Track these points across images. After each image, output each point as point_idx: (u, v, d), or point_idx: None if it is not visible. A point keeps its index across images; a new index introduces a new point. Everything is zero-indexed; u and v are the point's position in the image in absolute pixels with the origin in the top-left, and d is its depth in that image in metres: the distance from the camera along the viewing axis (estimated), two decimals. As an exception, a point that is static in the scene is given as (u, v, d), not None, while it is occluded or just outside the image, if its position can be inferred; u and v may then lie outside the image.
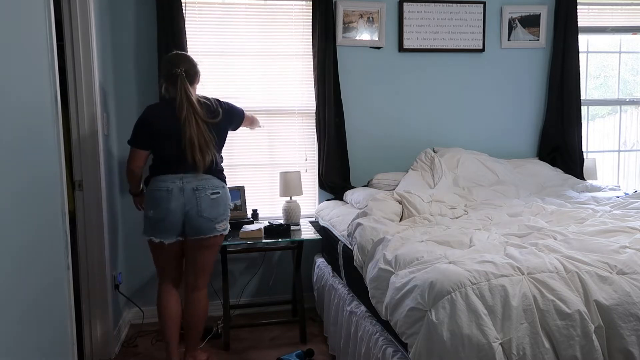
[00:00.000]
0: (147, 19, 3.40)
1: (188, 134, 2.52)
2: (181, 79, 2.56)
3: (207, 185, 2.59)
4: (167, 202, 2.54)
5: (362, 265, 2.37)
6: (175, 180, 2.56)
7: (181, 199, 2.55)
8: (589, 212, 2.73)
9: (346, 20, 3.63)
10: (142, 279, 3.57)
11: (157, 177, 2.59)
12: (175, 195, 2.54)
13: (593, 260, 1.88)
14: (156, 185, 2.57)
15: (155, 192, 2.57)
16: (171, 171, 2.57)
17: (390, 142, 3.80)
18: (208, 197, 2.58)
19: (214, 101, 2.67)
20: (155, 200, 2.55)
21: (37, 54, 1.87)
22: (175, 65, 2.59)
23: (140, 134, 2.61)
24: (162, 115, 2.59)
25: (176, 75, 2.57)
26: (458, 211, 2.90)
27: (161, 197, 2.54)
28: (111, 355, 3.03)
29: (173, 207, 2.54)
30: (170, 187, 2.54)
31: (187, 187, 2.56)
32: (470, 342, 1.62)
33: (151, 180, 2.63)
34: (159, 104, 2.70)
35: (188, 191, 2.56)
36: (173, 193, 2.54)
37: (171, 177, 2.56)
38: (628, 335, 1.68)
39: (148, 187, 2.63)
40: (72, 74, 2.81)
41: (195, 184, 2.57)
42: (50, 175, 1.95)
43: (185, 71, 2.58)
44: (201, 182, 2.58)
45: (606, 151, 4.32)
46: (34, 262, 1.75)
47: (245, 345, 3.19)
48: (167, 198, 2.54)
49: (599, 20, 4.05)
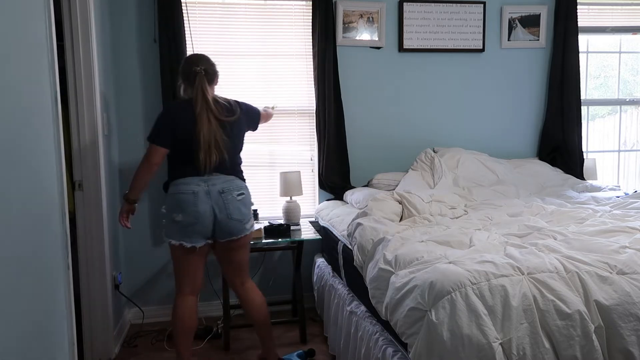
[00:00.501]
0: (147, 19, 3.40)
1: (200, 132, 2.49)
2: (200, 77, 2.54)
3: (232, 186, 2.55)
4: (194, 206, 2.46)
5: (362, 265, 2.37)
6: (199, 182, 2.50)
7: (209, 202, 2.49)
8: (589, 212, 2.73)
9: (346, 20, 3.63)
10: (142, 279, 3.57)
11: (179, 179, 2.52)
12: (202, 199, 2.47)
13: (593, 260, 1.88)
14: (179, 189, 2.49)
15: (180, 196, 2.48)
16: (193, 173, 2.51)
17: (390, 142, 3.80)
18: (235, 199, 2.54)
19: (232, 102, 2.65)
20: (182, 203, 2.47)
21: (37, 54, 1.87)
22: (195, 64, 2.58)
23: (161, 131, 2.52)
24: (183, 115, 2.53)
25: (195, 73, 2.55)
26: (458, 211, 2.90)
27: (188, 201, 2.46)
28: (111, 355, 3.03)
29: (202, 210, 2.47)
30: (196, 190, 2.48)
31: (212, 190, 2.50)
32: (470, 342, 1.62)
33: (172, 183, 2.55)
34: (179, 103, 2.63)
35: (215, 194, 2.50)
36: (199, 196, 2.47)
37: (195, 179, 2.50)
38: (628, 335, 1.68)
39: (170, 191, 2.54)
40: (72, 74, 2.81)
41: (221, 187, 2.52)
42: (50, 176, 1.95)
43: (204, 70, 2.57)
44: (225, 184, 2.54)
45: (606, 151, 4.32)
46: (34, 262, 1.75)
47: (245, 345, 3.19)
48: (193, 201, 2.46)
49: (599, 20, 4.05)
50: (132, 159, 3.50)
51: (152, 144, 2.53)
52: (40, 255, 1.82)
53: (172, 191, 2.52)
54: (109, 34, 3.31)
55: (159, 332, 3.36)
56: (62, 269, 2.03)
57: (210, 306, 3.62)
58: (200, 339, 3.24)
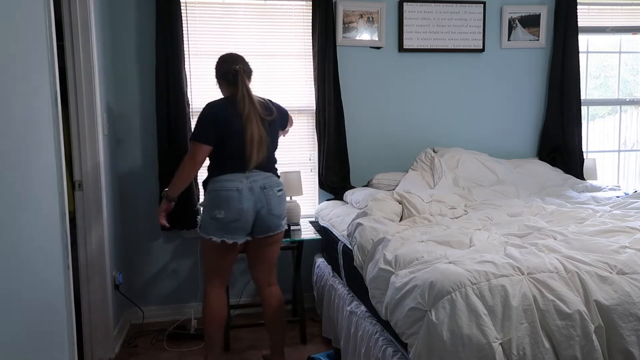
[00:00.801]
0: (147, 18, 3.40)
1: (249, 130, 2.51)
2: (241, 76, 2.56)
3: (272, 183, 2.59)
4: (239, 202, 2.48)
5: (362, 265, 2.37)
6: (242, 179, 2.52)
7: (252, 198, 2.51)
8: (589, 212, 2.73)
9: (346, 20, 3.63)
10: (142, 279, 3.57)
11: (221, 176, 2.52)
12: (246, 195, 2.49)
13: (593, 260, 1.88)
14: (223, 185, 2.50)
15: (223, 192, 2.49)
16: (236, 170, 2.53)
17: (390, 142, 3.80)
18: (275, 195, 2.58)
19: (267, 100, 2.68)
20: (226, 200, 2.48)
21: (37, 54, 1.87)
22: (233, 63, 2.60)
23: (206, 129, 2.52)
24: (225, 113, 2.54)
25: (235, 72, 2.57)
26: (458, 211, 2.90)
27: (232, 197, 2.48)
28: (111, 355, 3.03)
29: (246, 207, 2.49)
30: (240, 186, 2.49)
31: (255, 186, 2.53)
32: (470, 342, 1.62)
33: (212, 180, 2.55)
34: (220, 102, 2.61)
35: (257, 190, 2.53)
36: (243, 193, 2.49)
37: (237, 175, 2.52)
38: (628, 335, 1.68)
39: (211, 187, 2.53)
40: (72, 74, 2.81)
41: (262, 183, 2.55)
42: (50, 176, 1.95)
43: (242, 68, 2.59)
44: (266, 180, 2.57)
45: (606, 151, 4.32)
46: (33, 262, 1.75)
47: (245, 345, 3.19)
48: (238, 198, 2.48)
49: (599, 20, 4.05)
50: (132, 158, 3.51)
51: (196, 142, 2.52)
52: (40, 255, 1.82)
53: (215, 188, 2.52)
54: (108, 34, 3.30)
55: (159, 332, 3.36)
56: (62, 269, 2.03)
57: (210, 306, 3.62)
58: (201, 339, 3.24)
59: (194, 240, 3.54)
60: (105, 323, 2.98)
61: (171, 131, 3.37)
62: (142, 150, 3.51)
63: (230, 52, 2.75)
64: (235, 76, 2.57)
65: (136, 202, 3.52)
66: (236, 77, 2.57)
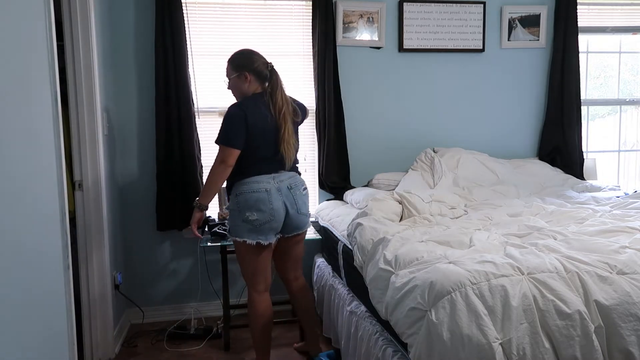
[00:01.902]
0: (148, 18, 3.40)
1: (284, 130, 2.49)
2: (276, 75, 2.53)
3: (297, 182, 2.60)
4: (270, 203, 2.47)
5: (362, 265, 2.37)
6: (269, 180, 2.50)
7: (281, 198, 2.51)
8: (589, 212, 2.73)
9: (346, 21, 3.63)
10: (142, 279, 3.57)
11: (248, 178, 2.49)
12: (275, 195, 2.49)
13: (593, 260, 1.89)
14: (251, 187, 2.48)
15: (253, 194, 2.47)
16: (263, 171, 2.51)
17: (390, 142, 3.80)
18: (302, 194, 2.60)
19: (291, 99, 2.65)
20: (257, 202, 2.46)
21: (37, 54, 1.87)
22: (262, 58, 2.57)
23: (235, 133, 2.46)
24: (254, 113, 2.48)
25: (272, 67, 2.55)
26: (458, 211, 2.90)
27: (262, 199, 2.47)
28: (111, 355, 3.03)
29: (277, 207, 2.49)
30: (268, 187, 2.49)
31: (282, 187, 2.52)
32: (470, 342, 1.62)
33: (239, 183, 2.51)
34: (248, 102, 2.53)
35: (285, 190, 2.53)
36: (272, 193, 2.48)
37: (265, 177, 2.50)
38: (628, 335, 1.68)
39: (239, 190, 2.50)
40: (72, 74, 2.81)
41: (288, 183, 2.55)
42: (50, 175, 1.95)
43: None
44: (291, 179, 2.58)
45: (606, 151, 4.32)
46: (33, 262, 1.75)
47: (245, 345, 3.19)
48: (268, 199, 2.47)
49: (599, 20, 4.05)
50: (132, 158, 3.51)
51: (226, 147, 2.46)
52: (40, 255, 1.82)
53: (244, 190, 2.49)
54: (108, 34, 3.30)
55: (159, 332, 3.36)
56: (62, 269, 2.03)
57: (210, 306, 3.62)
58: (200, 339, 3.24)
59: (194, 240, 3.54)
60: (105, 323, 2.98)
61: (171, 130, 3.37)
62: (142, 150, 3.51)
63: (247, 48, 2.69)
64: (272, 72, 2.53)
65: (136, 202, 3.52)
66: (272, 74, 2.53)
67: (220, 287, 3.29)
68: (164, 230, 3.48)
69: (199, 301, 3.55)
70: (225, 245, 3.09)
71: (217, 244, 3.08)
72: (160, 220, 3.45)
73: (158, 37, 3.32)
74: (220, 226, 3.17)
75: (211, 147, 3.59)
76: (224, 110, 2.60)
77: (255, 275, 2.61)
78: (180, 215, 3.43)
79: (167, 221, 3.46)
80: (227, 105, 2.55)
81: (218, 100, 3.50)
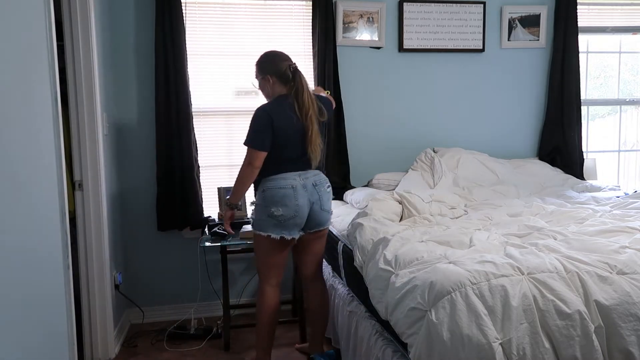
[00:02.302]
0: (148, 18, 3.40)
1: (311, 131, 2.53)
2: (300, 75, 2.55)
3: (322, 180, 2.66)
4: (295, 199, 2.53)
5: (362, 266, 2.37)
6: (295, 177, 2.56)
7: (306, 195, 2.56)
8: (589, 212, 2.73)
9: (346, 21, 3.63)
10: (142, 279, 3.57)
11: (275, 175, 2.55)
12: (300, 192, 2.54)
13: (593, 260, 1.88)
14: (278, 183, 2.54)
15: (279, 190, 2.52)
16: (290, 169, 2.57)
17: (390, 142, 3.80)
18: (326, 191, 2.66)
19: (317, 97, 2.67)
20: (283, 197, 2.52)
21: (37, 54, 1.87)
22: (286, 59, 2.59)
23: (262, 135, 2.50)
24: (281, 116, 2.52)
25: (295, 69, 2.56)
26: (458, 211, 2.90)
27: (288, 195, 2.52)
28: (111, 355, 3.03)
29: (301, 203, 2.54)
30: (294, 184, 2.54)
31: (307, 184, 2.58)
32: (470, 342, 1.62)
33: (267, 179, 2.56)
34: (273, 105, 2.57)
35: (310, 187, 2.58)
36: (298, 190, 2.54)
37: (291, 174, 2.56)
38: (628, 335, 1.68)
39: (266, 186, 2.55)
40: (72, 74, 2.81)
41: (313, 180, 2.61)
42: (50, 176, 1.95)
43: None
44: (316, 177, 2.63)
45: (606, 151, 4.32)
46: (34, 262, 1.75)
47: (245, 345, 3.19)
48: (293, 195, 2.53)
49: (599, 20, 4.05)
50: (132, 158, 3.51)
51: (253, 149, 2.51)
52: (40, 255, 1.82)
53: (270, 186, 2.55)
54: (108, 34, 3.30)
55: (159, 332, 3.36)
56: (62, 269, 2.03)
57: (210, 306, 3.62)
58: (200, 339, 3.24)
59: (194, 240, 3.54)
60: (105, 323, 2.98)
61: (171, 130, 3.37)
62: (142, 150, 3.50)
63: (272, 50, 2.72)
64: (295, 73, 2.55)
65: (136, 201, 3.52)
66: (295, 75, 2.55)
67: (220, 287, 3.29)
68: (164, 230, 3.48)
69: (199, 301, 3.55)
70: (225, 245, 3.09)
71: (217, 244, 3.08)
72: (161, 220, 3.45)
73: (158, 37, 3.32)
74: (220, 226, 3.17)
75: (210, 148, 3.61)
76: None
77: (271, 269, 2.67)
78: (181, 215, 3.43)
79: (168, 221, 3.46)
80: (228, 105, 2.56)
81: (218, 101, 3.50)
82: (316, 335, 2.89)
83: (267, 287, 2.69)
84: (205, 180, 3.55)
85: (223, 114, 3.59)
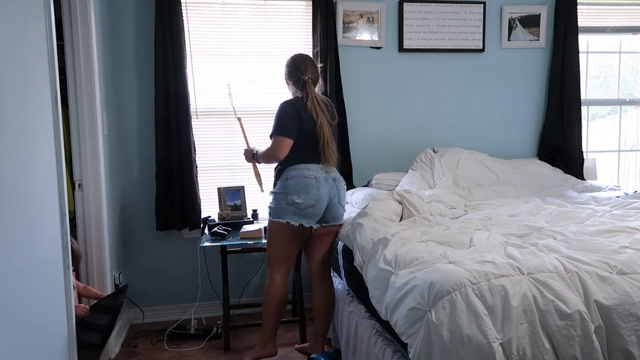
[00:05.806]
0: (147, 18, 3.40)
1: (323, 136, 2.65)
2: (309, 86, 2.70)
3: (339, 176, 2.79)
4: (317, 189, 2.63)
5: (362, 265, 2.37)
6: (318, 169, 2.68)
7: (327, 187, 2.68)
8: (589, 212, 2.73)
9: (346, 21, 3.63)
10: (142, 279, 3.57)
11: (299, 164, 2.66)
12: (322, 183, 2.66)
13: (593, 260, 1.89)
14: (302, 173, 2.65)
15: (303, 179, 2.63)
16: (314, 161, 2.68)
17: (390, 142, 3.80)
18: (343, 187, 2.80)
19: (328, 102, 2.80)
20: (305, 186, 2.63)
21: (37, 54, 1.87)
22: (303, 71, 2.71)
23: (288, 124, 2.64)
24: (304, 109, 2.67)
25: (304, 82, 2.70)
26: (458, 211, 2.90)
27: (311, 184, 2.63)
28: (111, 355, 3.03)
29: (323, 194, 2.65)
30: (317, 175, 2.66)
31: (328, 177, 2.70)
32: (470, 342, 1.62)
33: (291, 168, 2.67)
34: (297, 100, 2.72)
35: (330, 181, 2.71)
36: (320, 181, 2.65)
37: (315, 166, 2.68)
38: (628, 335, 1.68)
39: (289, 175, 2.66)
40: (72, 74, 2.81)
41: (333, 175, 2.74)
42: (50, 176, 1.95)
43: (311, 79, 2.71)
44: (334, 173, 2.75)
45: (606, 151, 4.32)
46: (34, 262, 1.75)
47: (245, 345, 3.19)
48: (316, 185, 2.64)
49: (599, 20, 4.05)
50: (132, 158, 3.51)
51: (279, 136, 2.64)
52: (40, 255, 1.82)
53: (294, 175, 2.66)
54: (108, 34, 3.30)
55: (159, 332, 3.36)
56: (62, 269, 2.03)
57: (210, 306, 3.62)
58: (200, 339, 3.24)
59: (194, 240, 3.54)
60: (105, 323, 2.98)
61: (170, 130, 3.37)
62: (142, 150, 3.51)
63: (300, 52, 2.87)
64: (304, 86, 2.70)
65: (136, 202, 3.52)
66: (305, 87, 2.70)
67: (220, 287, 3.29)
68: (164, 230, 3.48)
69: (199, 301, 3.54)
70: (225, 245, 3.09)
71: (217, 244, 3.08)
72: (159, 220, 3.45)
73: (158, 37, 3.32)
74: (220, 226, 3.17)
75: (208, 148, 3.61)
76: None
77: (282, 260, 2.77)
78: (180, 215, 3.43)
79: (167, 221, 3.46)
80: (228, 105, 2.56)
81: (217, 101, 3.50)
82: (318, 335, 2.91)
83: (276, 275, 2.77)
84: (203, 181, 3.54)
85: (223, 115, 3.58)
